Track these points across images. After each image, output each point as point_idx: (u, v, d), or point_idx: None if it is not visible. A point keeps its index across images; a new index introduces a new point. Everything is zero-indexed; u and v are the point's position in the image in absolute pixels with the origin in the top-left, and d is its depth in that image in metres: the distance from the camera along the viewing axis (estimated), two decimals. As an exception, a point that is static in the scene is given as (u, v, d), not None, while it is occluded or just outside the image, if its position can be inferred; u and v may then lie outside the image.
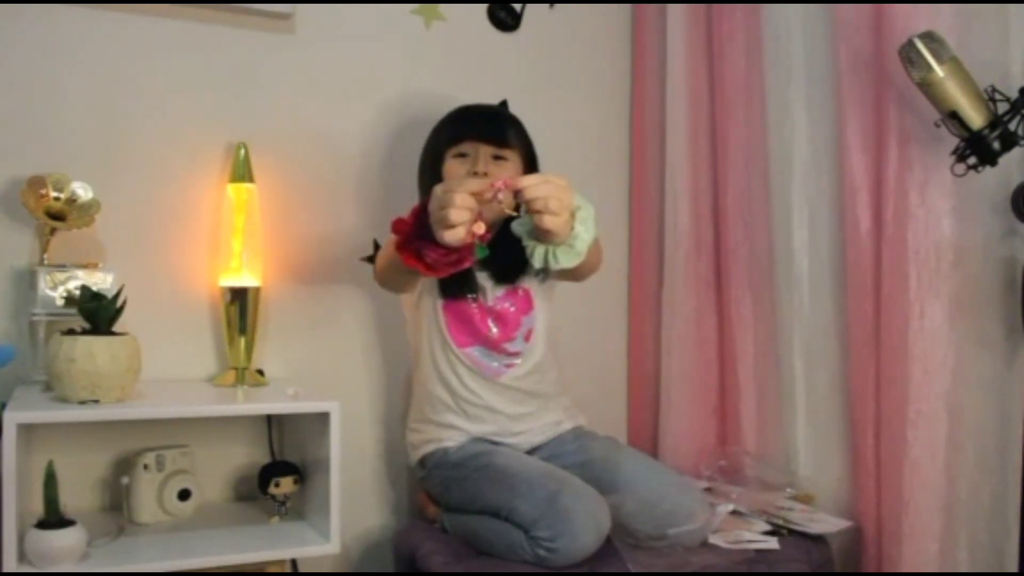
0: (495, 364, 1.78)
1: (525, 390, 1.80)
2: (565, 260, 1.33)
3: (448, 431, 1.78)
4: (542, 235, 1.30)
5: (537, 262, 1.35)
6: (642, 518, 1.59)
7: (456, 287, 1.75)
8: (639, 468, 1.72)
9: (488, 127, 1.77)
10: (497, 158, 1.74)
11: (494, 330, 1.77)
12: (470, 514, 1.67)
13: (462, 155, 1.75)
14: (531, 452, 1.80)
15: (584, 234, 1.31)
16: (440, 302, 1.77)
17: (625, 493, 1.63)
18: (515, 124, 1.81)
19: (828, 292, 1.82)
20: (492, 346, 1.77)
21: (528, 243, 1.36)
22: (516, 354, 1.79)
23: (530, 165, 1.81)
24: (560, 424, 1.86)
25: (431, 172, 1.78)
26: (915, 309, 1.59)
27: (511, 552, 1.55)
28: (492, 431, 1.78)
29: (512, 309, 1.79)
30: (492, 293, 1.79)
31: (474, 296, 1.77)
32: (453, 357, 1.76)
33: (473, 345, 1.77)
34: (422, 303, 1.80)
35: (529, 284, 1.82)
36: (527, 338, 1.80)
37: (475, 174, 1.70)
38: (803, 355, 1.86)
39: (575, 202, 1.30)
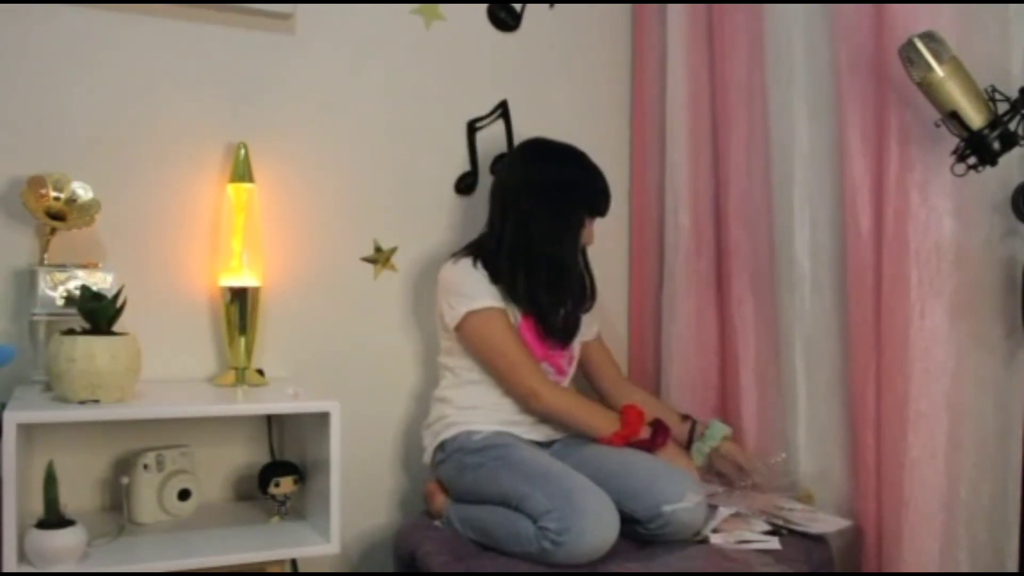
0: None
1: None
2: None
3: (481, 415, 1.81)
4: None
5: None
6: (636, 497, 1.62)
7: (561, 335, 1.89)
8: (633, 454, 1.75)
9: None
10: None
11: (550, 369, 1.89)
12: (479, 503, 1.68)
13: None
14: (550, 444, 1.85)
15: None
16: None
17: (621, 477, 1.65)
18: None
19: (829, 292, 1.81)
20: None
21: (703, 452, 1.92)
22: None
23: None
24: None
25: (565, 220, 1.86)
26: (915, 309, 1.58)
27: (515, 542, 1.56)
28: (523, 431, 1.83)
29: (564, 361, 1.93)
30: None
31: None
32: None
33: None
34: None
35: (575, 346, 1.95)
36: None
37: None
38: (803, 355, 1.85)
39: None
